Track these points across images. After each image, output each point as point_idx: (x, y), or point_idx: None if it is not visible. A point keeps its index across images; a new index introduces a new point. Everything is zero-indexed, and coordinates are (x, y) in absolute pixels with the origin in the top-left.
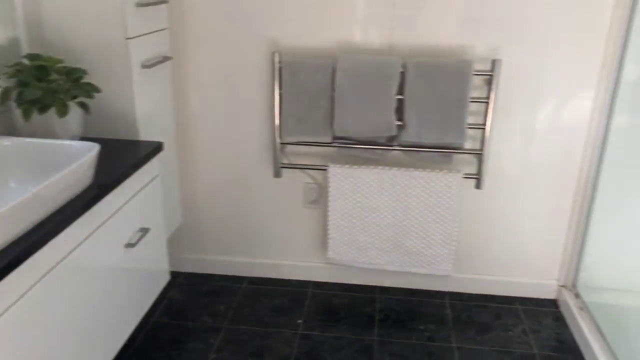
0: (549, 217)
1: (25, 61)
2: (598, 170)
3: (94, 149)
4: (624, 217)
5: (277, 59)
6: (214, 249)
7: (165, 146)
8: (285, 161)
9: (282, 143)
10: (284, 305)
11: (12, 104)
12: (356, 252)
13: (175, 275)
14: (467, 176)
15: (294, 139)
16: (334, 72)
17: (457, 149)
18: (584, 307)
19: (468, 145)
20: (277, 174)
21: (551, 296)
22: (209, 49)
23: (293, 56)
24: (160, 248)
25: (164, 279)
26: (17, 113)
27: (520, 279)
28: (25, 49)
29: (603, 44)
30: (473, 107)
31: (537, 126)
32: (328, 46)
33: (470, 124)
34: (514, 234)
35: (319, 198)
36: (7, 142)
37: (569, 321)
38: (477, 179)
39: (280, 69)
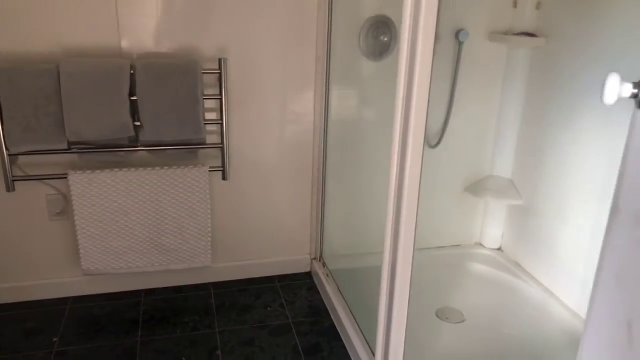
0: (294, 199)
1: None
2: (325, 155)
3: None
4: (345, 193)
5: None
6: None
7: None
8: (20, 173)
9: (11, 155)
10: (37, 327)
11: None
12: (112, 259)
13: None
14: (213, 169)
15: (24, 149)
16: (59, 77)
17: (201, 144)
18: (329, 274)
19: (213, 139)
20: (9, 188)
21: (306, 270)
22: None
23: (10, 62)
24: None
25: None
26: None
27: (278, 258)
28: None
29: (314, 42)
30: (211, 104)
31: (272, 118)
32: (53, 51)
33: (209, 120)
34: (266, 218)
35: (66, 209)
36: None
37: (319, 288)
38: (222, 171)
39: None
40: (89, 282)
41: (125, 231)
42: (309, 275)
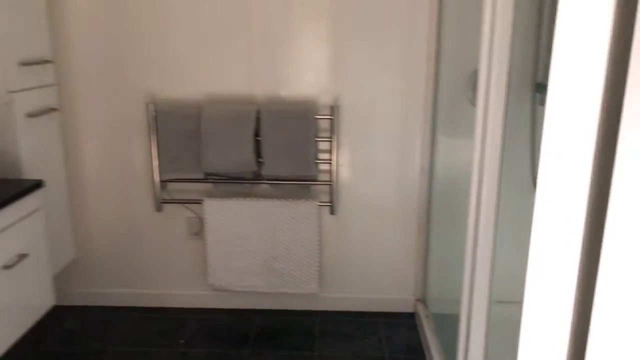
0: (398, 239)
1: None
2: (430, 198)
3: None
4: (448, 239)
5: (151, 109)
6: (105, 283)
7: (53, 185)
8: (167, 197)
9: (162, 181)
10: (169, 328)
11: None
12: (233, 277)
13: (70, 309)
14: (322, 204)
15: (171, 177)
16: (200, 119)
17: (312, 180)
18: (429, 316)
19: (325, 177)
20: (158, 209)
21: (409, 309)
22: (94, 102)
23: (166, 106)
24: (41, 274)
25: (46, 306)
26: None
27: (383, 295)
28: None
29: (422, 90)
30: (325, 145)
31: (380, 161)
32: (197, 97)
33: (322, 159)
34: (371, 254)
35: (201, 230)
36: None
37: (419, 329)
38: (331, 206)
39: (155, 118)
40: (213, 296)
41: (245, 253)
42: (412, 316)
